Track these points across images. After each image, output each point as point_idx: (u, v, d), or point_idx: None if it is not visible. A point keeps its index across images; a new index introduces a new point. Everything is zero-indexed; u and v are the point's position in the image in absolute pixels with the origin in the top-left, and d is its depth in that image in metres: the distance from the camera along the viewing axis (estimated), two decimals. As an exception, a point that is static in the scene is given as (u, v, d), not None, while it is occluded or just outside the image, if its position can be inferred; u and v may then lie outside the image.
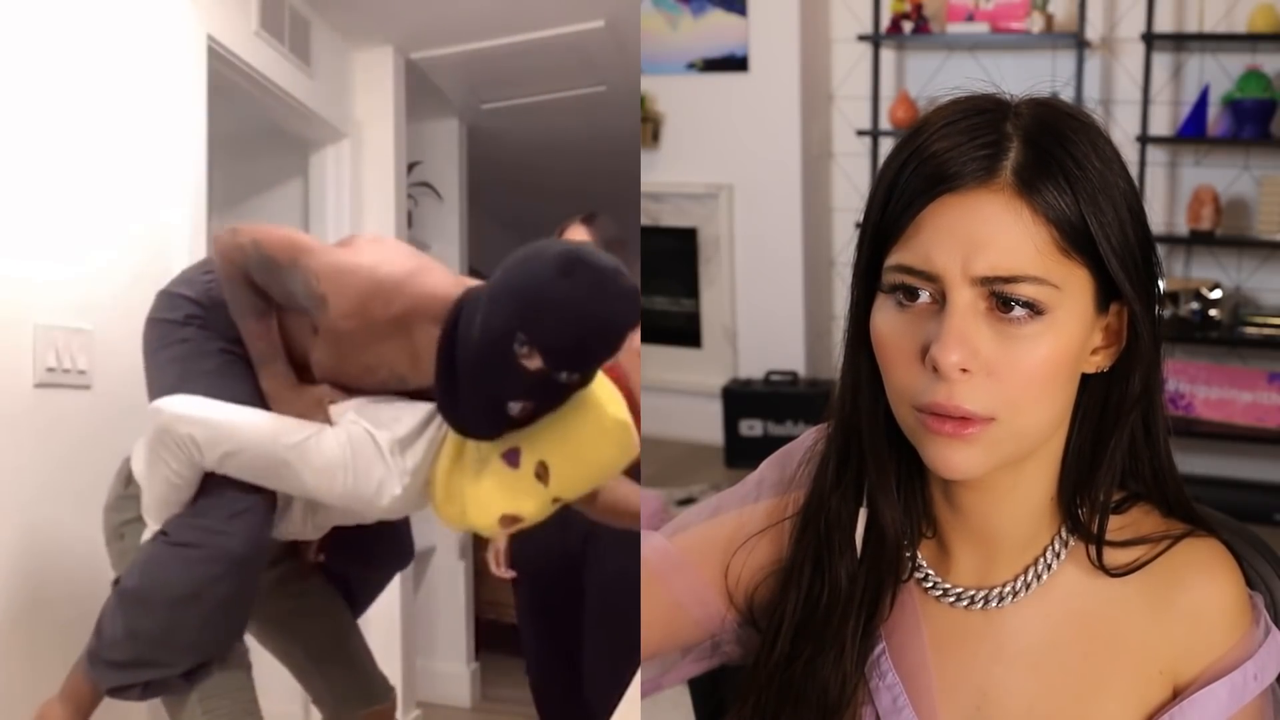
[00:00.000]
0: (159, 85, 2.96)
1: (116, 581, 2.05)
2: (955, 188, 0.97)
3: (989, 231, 0.95)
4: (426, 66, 4.37)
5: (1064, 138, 0.98)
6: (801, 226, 5.39)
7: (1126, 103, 4.75)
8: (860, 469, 1.12)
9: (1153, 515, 1.11)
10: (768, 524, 1.24)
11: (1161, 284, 1.04)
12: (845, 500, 1.14)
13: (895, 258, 1.00)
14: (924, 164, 0.99)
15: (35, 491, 2.41)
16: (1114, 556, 1.07)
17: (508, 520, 1.98)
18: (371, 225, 4.12)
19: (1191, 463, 4.67)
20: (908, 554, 1.13)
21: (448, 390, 1.88)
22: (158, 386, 2.04)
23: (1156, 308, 1.03)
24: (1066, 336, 0.98)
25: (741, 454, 5.24)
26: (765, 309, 5.50)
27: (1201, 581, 1.07)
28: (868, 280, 1.05)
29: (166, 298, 2.14)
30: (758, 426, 5.27)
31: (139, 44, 2.88)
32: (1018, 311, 0.96)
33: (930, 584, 1.14)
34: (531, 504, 1.95)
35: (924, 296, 0.99)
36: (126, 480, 2.12)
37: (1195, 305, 4.73)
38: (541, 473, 1.92)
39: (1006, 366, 0.96)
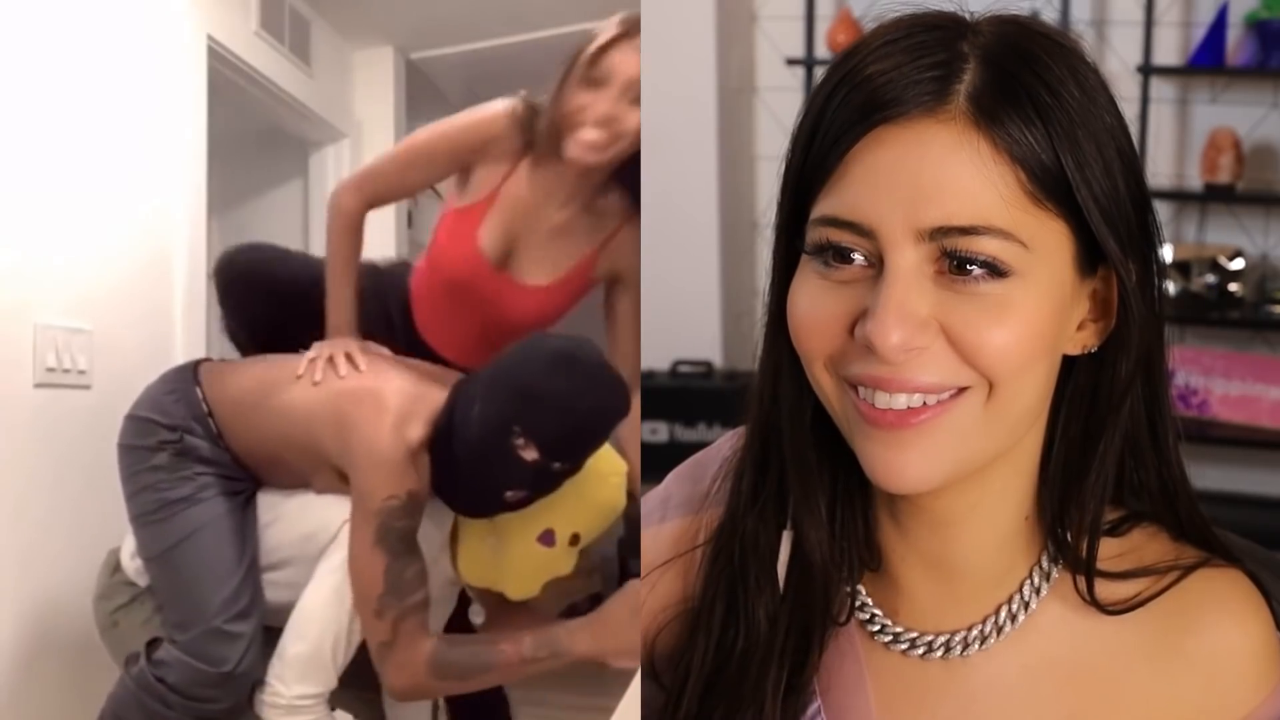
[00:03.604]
0: (159, 85, 3.66)
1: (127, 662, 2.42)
2: (893, 117, 0.96)
3: (938, 172, 0.94)
4: (426, 66, 5.41)
5: (1033, 58, 0.98)
6: (717, 179, 5.41)
7: (1125, 24, 4.81)
8: (783, 481, 1.12)
9: (1159, 540, 1.11)
10: (673, 553, 1.23)
11: (1165, 251, 1.04)
12: (764, 522, 1.13)
13: (820, 208, 0.99)
14: (856, 90, 0.98)
15: (35, 491, 2.96)
16: (1110, 590, 1.06)
17: (550, 583, 2.54)
18: (371, 225, 5.04)
19: (1207, 475, 4.71)
20: (846, 589, 1.12)
21: (445, 474, 2.35)
22: (134, 514, 2.45)
23: (1155, 275, 1.02)
24: (1042, 304, 0.96)
25: (643, 465, 5.24)
26: (672, 282, 5.41)
27: (1220, 622, 1.07)
28: (790, 240, 1.05)
29: (134, 423, 2.51)
30: (663, 430, 5.30)
31: (139, 44, 3.55)
32: (977, 273, 0.94)
33: (876, 627, 1.13)
34: (568, 564, 2.52)
35: (858, 259, 0.98)
36: (114, 568, 2.54)
37: (1211, 278, 4.73)
38: (574, 540, 2.49)
39: (969, 336, 0.95)
